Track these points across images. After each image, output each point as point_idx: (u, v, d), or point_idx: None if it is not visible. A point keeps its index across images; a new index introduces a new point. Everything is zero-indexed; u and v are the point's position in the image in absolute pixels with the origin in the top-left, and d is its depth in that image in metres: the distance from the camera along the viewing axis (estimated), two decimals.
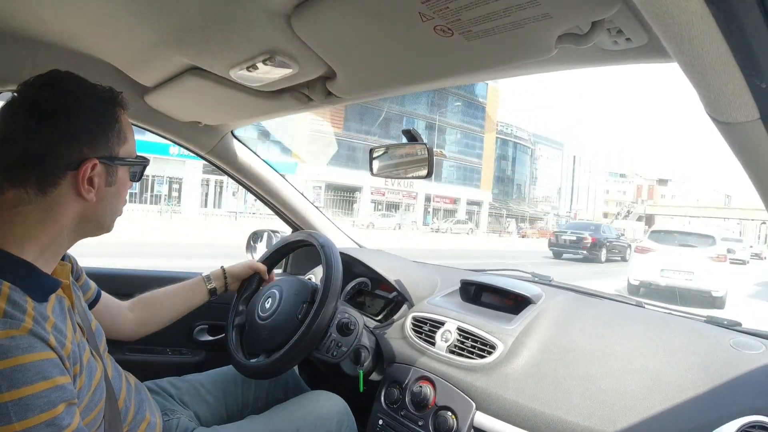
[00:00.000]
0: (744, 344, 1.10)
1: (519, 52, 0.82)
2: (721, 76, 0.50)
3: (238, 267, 1.43)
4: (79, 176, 0.76)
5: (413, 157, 1.37)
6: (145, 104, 1.46)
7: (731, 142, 0.61)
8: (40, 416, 0.64)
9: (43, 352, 0.67)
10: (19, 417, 0.62)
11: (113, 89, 0.85)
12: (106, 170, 0.81)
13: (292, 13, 0.84)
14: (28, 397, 0.63)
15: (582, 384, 1.07)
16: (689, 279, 9.39)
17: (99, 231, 0.87)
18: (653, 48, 0.76)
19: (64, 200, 0.77)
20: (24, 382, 0.63)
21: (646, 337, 1.17)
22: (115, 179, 0.83)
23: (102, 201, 0.82)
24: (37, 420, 0.64)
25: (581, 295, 1.51)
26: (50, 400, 0.66)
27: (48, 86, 0.78)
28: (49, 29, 1.09)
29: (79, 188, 0.77)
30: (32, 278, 0.74)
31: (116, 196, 0.85)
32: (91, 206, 0.80)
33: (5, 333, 0.64)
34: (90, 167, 0.77)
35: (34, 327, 0.68)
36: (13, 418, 0.62)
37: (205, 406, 1.30)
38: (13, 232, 0.75)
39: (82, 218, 0.81)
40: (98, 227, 0.86)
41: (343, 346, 1.32)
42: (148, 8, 0.90)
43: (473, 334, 1.28)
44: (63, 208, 0.78)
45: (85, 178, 0.77)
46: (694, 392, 0.98)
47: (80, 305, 0.90)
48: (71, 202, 0.78)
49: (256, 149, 1.84)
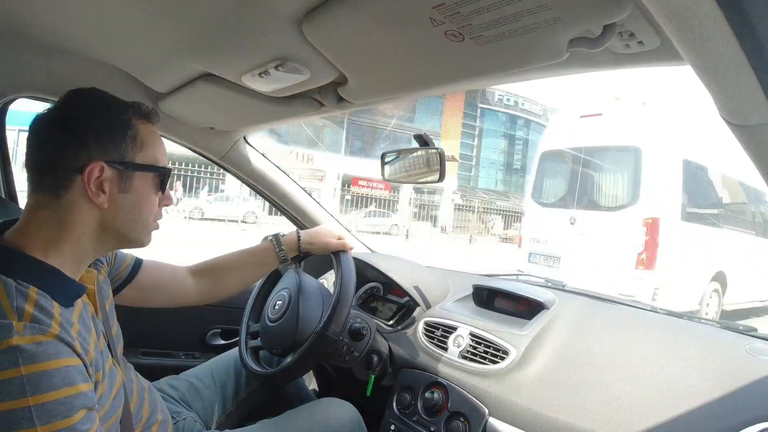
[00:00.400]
0: (760, 350, 1.08)
1: (530, 56, 0.81)
2: (734, 78, 0.50)
3: (317, 245, 1.35)
4: (84, 178, 0.77)
5: (425, 162, 1.37)
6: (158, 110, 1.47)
7: (745, 145, 0.60)
8: (62, 422, 0.65)
9: (69, 359, 0.68)
10: (42, 421, 0.63)
11: (132, 102, 0.86)
12: (118, 176, 0.80)
13: (303, 20, 0.84)
14: (52, 402, 0.64)
15: (596, 390, 1.06)
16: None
17: (126, 243, 0.87)
18: (666, 51, 0.76)
19: (76, 205, 0.78)
20: (49, 387, 0.64)
21: (661, 343, 1.16)
22: (130, 186, 0.82)
23: (117, 208, 0.81)
24: (59, 425, 0.64)
25: (595, 300, 1.49)
26: (73, 406, 0.66)
27: (70, 97, 0.81)
28: (63, 36, 1.11)
29: (87, 192, 0.77)
30: (58, 283, 0.75)
31: (135, 205, 0.84)
32: (107, 214, 0.80)
33: (32, 338, 0.65)
34: (97, 170, 0.77)
35: (60, 333, 0.68)
36: (36, 422, 0.63)
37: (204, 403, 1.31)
38: (37, 237, 0.77)
39: (100, 226, 0.81)
40: (122, 239, 0.86)
41: (355, 351, 1.32)
42: (162, 16, 0.91)
43: (486, 339, 1.28)
44: (76, 213, 0.78)
45: (92, 180, 0.77)
46: (710, 399, 0.97)
47: (104, 311, 0.91)
48: (83, 207, 0.79)
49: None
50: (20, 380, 0.63)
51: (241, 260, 1.31)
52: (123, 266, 1.11)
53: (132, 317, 0.92)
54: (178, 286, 1.22)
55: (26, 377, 0.63)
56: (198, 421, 1.23)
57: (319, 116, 1.45)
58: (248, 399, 1.42)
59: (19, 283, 0.69)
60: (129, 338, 1.09)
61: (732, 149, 2.82)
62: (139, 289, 1.14)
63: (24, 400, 0.62)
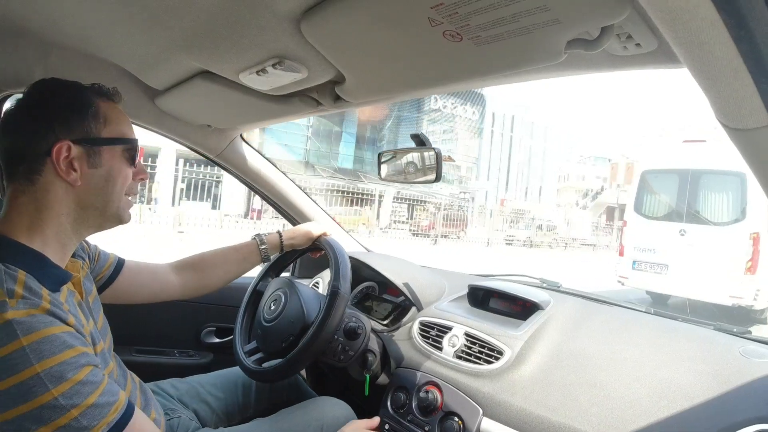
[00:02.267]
0: (754, 352, 1.09)
1: (528, 57, 0.82)
2: (731, 82, 0.50)
3: (297, 238, 1.41)
4: (53, 159, 0.79)
5: (422, 162, 1.37)
6: (155, 107, 1.47)
7: (742, 148, 0.60)
8: (73, 378, 0.68)
9: (63, 326, 0.71)
10: (54, 384, 0.66)
11: (92, 84, 0.89)
12: (85, 152, 0.83)
13: (301, 18, 0.84)
14: (58, 365, 0.67)
15: (590, 391, 1.07)
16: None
17: (106, 221, 0.90)
18: (663, 53, 0.76)
19: (51, 187, 0.81)
20: (52, 352, 0.67)
21: (655, 345, 1.16)
22: (100, 161, 0.85)
23: (90, 184, 0.84)
24: (72, 382, 0.67)
25: (590, 301, 1.50)
26: (78, 364, 0.69)
27: (33, 87, 0.84)
28: (61, 32, 1.10)
29: (59, 172, 0.80)
30: (44, 268, 0.78)
31: (108, 179, 0.86)
32: (81, 191, 0.83)
33: (26, 312, 0.68)
34: (64, 149, 0.80)
35: (52, 308, 0.71)
36: (49, 386, 0.65)
37: (204, 406, 1.31)
38: (19, 223, 0.80)
39: (78, 205, 0.84)
40: (102, 215, 0.88)
41: (350, 350, 1.32)
42: (160, 13, 0.91)
43: (481, 339, 1.28)
44: (52, 194, 0.81)
45: (61, 159, 0.80)
46: (703, 400, 0.97)
47: (88, 303, 0.92)
48: (59, 188, 0.81)
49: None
50: (23, 351, 0.65)
51: (224, 256, 1.33)
52: (106, 265, 1.13)
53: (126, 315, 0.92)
54: (161, 283, 1.24)
55: (28, 347, 0.66)
56: (194, 420, 1.22)
57: (317, 115, 1.45)
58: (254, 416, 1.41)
59: (8, 267, 0.72)
60: (123, 336, 1.09)
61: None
62: (123, 288, 1.16)
63: (32, 369, 0.65)
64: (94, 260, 1.09)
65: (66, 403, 0.66)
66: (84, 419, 0.67)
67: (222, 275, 1.32)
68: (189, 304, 1.35)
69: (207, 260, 1.31)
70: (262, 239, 1.37)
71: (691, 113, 25.18)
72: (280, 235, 1.40)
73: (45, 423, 0.65)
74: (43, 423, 0.65)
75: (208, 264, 1.30)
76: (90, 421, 0.68)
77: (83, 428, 0.67)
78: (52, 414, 0.65)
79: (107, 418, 0.70)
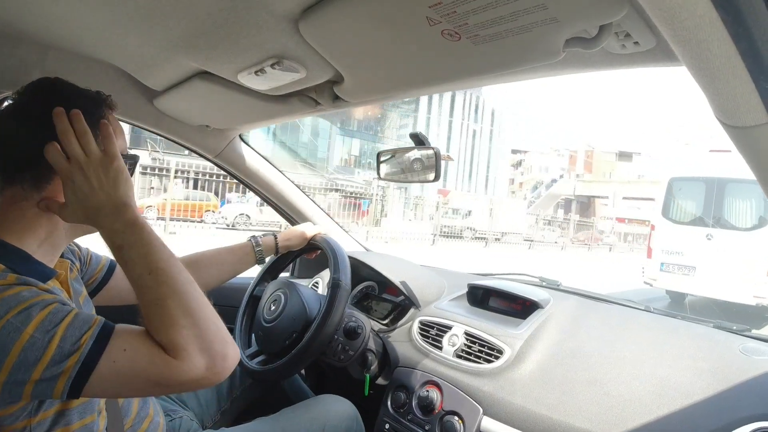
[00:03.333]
0: (753, 350, 1.09)
1: (526, 56, 0.82)
2: (729, 79, 0.50)
3: (292, 239, 1.42)
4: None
5: (421, 161, 1.37)
6: (154, 108, 1.47)
7: (740, 146, 0.61)
8: (42, 313, 0.67)
9: (45, 295, 0.70)
10: (49, 336, 0.66)
11: (101, 92, 0.87)
12: None
13: (299, 18, 0.84)
14: (26, 308, 0.67)
15: (590, 389, 1.07)
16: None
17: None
18: (661, 52, 0.76)
19: (57, 195, 0.80)
20: (18, 301, 0.67)
21: (655, 343, 1.17)
22: None
23: None
24: (42, 316, 0.67)
25: (589, 299, 1.50)
26: (45, 303, 0.69)
27: (39, 91, 0.82)
28: (58, 33, 1.10)
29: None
30: (28, 264, 0.77)
31: None
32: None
33: (11, 290, 0.68)
34: None
35: (19, 278, 0.71)
36: (21, 327, 0.65)
37: (204, 406, 1.31)
38: (13, 226, 0.79)
39: None
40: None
41: (350, 350, 1.32)
42: (158, 13, 0.90)
43: (480, 338, 1.28)
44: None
45: None
46: (703, 398, 0.97)
47: (77, 304, 0.92)
48: (62, 197, 0.80)
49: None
50: (9, 323, 0.65)
51: (219, 256, 1.33)
52: (98, 268, 1.13)
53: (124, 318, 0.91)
54: None
55: (12, 318, 0.65)
56: (194, 420, 1.22)
57: (315, 115, 1.45)
58: (243, 396, 1.42)
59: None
60: None
61: None
62: (116, 289, 1.15)
63: (25, 333, 0.65)
64: (85, 264, 1.08)
65: (42, 336, 0.66)
66: (66, 343, 0.66)
67: (216, 275, 1.31)
68: None
69: (201, 260, 1.30)
70: (258, 241, 1.37)
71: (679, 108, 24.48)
72: (275, 236, 1.40)
73: (32, 365, 0.64)
74: (31, 366, 0.64)
75: (202, 264, 1.30)
76: (73, 341, 0.67)
77: (69, 353, 0.66)
78: (35, 353, 0.65)
79: (89, 332, 0.69)
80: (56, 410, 0.75)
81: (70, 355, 0.66)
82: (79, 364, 0.66)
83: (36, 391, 0.66)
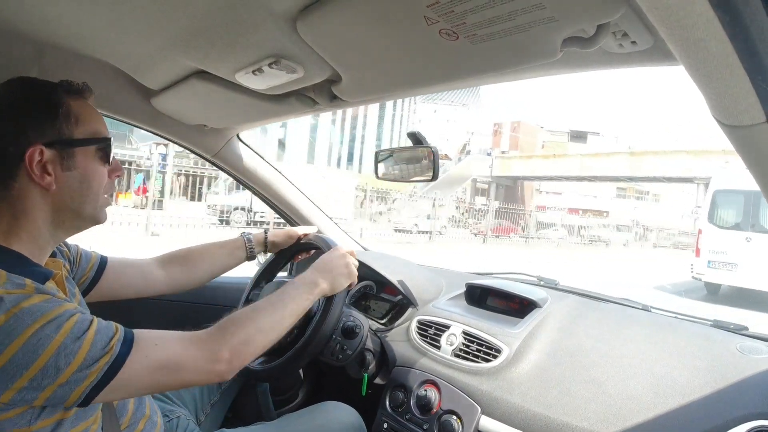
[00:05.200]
0: (751, 348, 1.09)
1: (524, 55, 0.82)
2: (726, 79, 0.50)
3: (280, 236, 1.42)
4: (26, 164, 0.78)
5: (418, 160, 1.37)
6: (151, 107, 1.46)
7: (737, 145, 0.61)
8: (70, 320, 0.71)
9: (47, 295, 0.72)
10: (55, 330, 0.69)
11: (66, 81, 0.87)
12: (59, 155, 0.81)
13: (297, 17, 0.84)
14: (55, 318, 0.69)
15: (587, 388, 1.07)
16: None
17: (83, 222, 0.89)
18: (659, 51, 0.76)
19: (26, 192, 0.80)
20: (44, 310, 0.69)
21: (652, 341, 1.17)
22: (74, 163, 0.83)
23: (66, 187, 0.83)
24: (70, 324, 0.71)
25: (587, 298, 1.50)
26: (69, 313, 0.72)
27: (2, 90, 0.82)
28: (55, 32, 1.09)
29: (33, 177, 0.79)
30: (25, 266, 0.77)
31: (83, 180, 0.85)
32: (57, 195, 0.82)
33: (12, 291, 0.69)
34: (37, 153, 0.78)
35: (37, 287, 0.72)
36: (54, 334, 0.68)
37: (202, 407, 1.32)
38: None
39: (54, 208, 0.83)
40: (78, 217, 0.87)
41: (348, 349, 1.32)
42: (155, 12, 0.90)
43: (478, 337, 1.28)
44: (29, 201, 0.80)
45: (34, 164, 0.78)
46: (700, 396, 0.98)
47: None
48: (35, 194, 0.80)
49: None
50: (16, 316, 0.66)
51: (210, 251, 1.34)
52: (89, 266, 1.12)
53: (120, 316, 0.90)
54: (146, 278, 1.23)
55: (20, 312, 0.67)
56: (191, 419, 1.22)
57: (313, 114, 1.45)
58: (231, 388, 1.43)
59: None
60: None
61: None
62: (108, 285, 1.15)
63: (31, 328, 0.66)
64: (75, 263, 1.07)
65: (72, 343, 0.69)
66: (95, 347, 0.70)
67: (207, 269, 1.32)
68: (185, 305, 1.33)
69: (192, 254, 1.31)
70: (249, 237, 1.38)
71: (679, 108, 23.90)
72: (265, 232, 1.41)
73: (60, 369, 0.67)
74: (59, 370, 0.67)
75: (193, 258, 1.30)
76: (102, 345, 0.72)
77: (100, 356, 0.70)
78: (65, 359, 0.68)
79: (115, 336, 0.74)
80: (56, 419, 0.75)
81: (101, 358, 0.70)
82: (108, 365, 0.71)
83: (53, 396, 0.68)
